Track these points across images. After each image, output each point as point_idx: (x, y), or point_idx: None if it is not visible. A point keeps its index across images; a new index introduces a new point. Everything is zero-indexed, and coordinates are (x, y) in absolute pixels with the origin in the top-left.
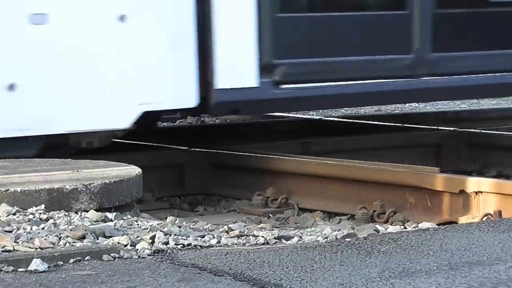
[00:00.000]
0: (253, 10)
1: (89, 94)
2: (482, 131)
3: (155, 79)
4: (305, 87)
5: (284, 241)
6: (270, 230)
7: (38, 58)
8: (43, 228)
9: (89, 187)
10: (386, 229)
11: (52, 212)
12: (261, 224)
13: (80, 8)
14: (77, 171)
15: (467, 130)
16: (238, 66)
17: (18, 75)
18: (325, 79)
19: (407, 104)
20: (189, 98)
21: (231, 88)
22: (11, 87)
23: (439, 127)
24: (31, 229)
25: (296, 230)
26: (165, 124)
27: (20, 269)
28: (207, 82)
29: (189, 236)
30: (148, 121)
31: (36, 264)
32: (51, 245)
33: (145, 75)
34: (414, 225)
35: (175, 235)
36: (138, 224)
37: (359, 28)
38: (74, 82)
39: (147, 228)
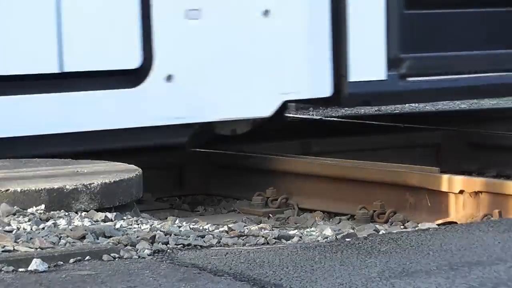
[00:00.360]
0: (383, 8)
1: (236, 84)
2: (482, 131)
3: (294, 71)
4: (429, 80)
5: (284, 241)
6: (270, 230)
7: (191, 50)
8: (43, 228)
9: (89, 187)
10: (386, 229)
11: (52, 212)
12: (261, 224)
13: (229, 3)
14: (77, 171)
15: (467, 130)
16: (368, 60)
17: (174, 67)
18: (448, 72)
19: (407, 104)
20: (325, 89)
21: (361, 81)
22: (169, 78)
23: (439, 127)
24: (31, 229)
25: (296, 230)
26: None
27: (20, 269)
28: (340, 74)
29: (189, 236)
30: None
31: (36, 264)
32: (51, 245)
33: (285, 67)
34: (414, 225)
35: (175, 235)
36: (138, 224)
37: (479, 23)
38: (223, 73)
39: (147, 228)
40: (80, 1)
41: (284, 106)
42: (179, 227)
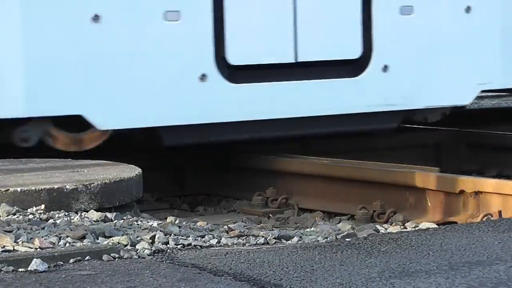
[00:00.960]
0: None
1: (442, 75)
2: (482, 131)
3: (489, 62)
4: None
5: (284, 241)
6: (270, 230)
7: (404, 43)
8: (43, 228)
9: (89, 187)
10: (386, 229)
11: (52, 212)
12: (261, 224)
13: (438, 0)
14: (77, 171)
15: (467, 130)
16: None
17: (390, 58)
18: None
19: None
20: None
21: None
22: (385, 68)
23: (439, 127)
24: (31, 229)
25: (296, 230)
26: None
27: (20, 269)
28: None
29: (189, 236)
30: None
31: (36, 264)
32: (51, 245)
33: (482, 58)
34: (414, 225)
35: (175, 235)
36: (138, 224)
37: None
38: (430, 64)
39: (147, 228)
40: (310, 3)
41: None
42: (179, 227)
